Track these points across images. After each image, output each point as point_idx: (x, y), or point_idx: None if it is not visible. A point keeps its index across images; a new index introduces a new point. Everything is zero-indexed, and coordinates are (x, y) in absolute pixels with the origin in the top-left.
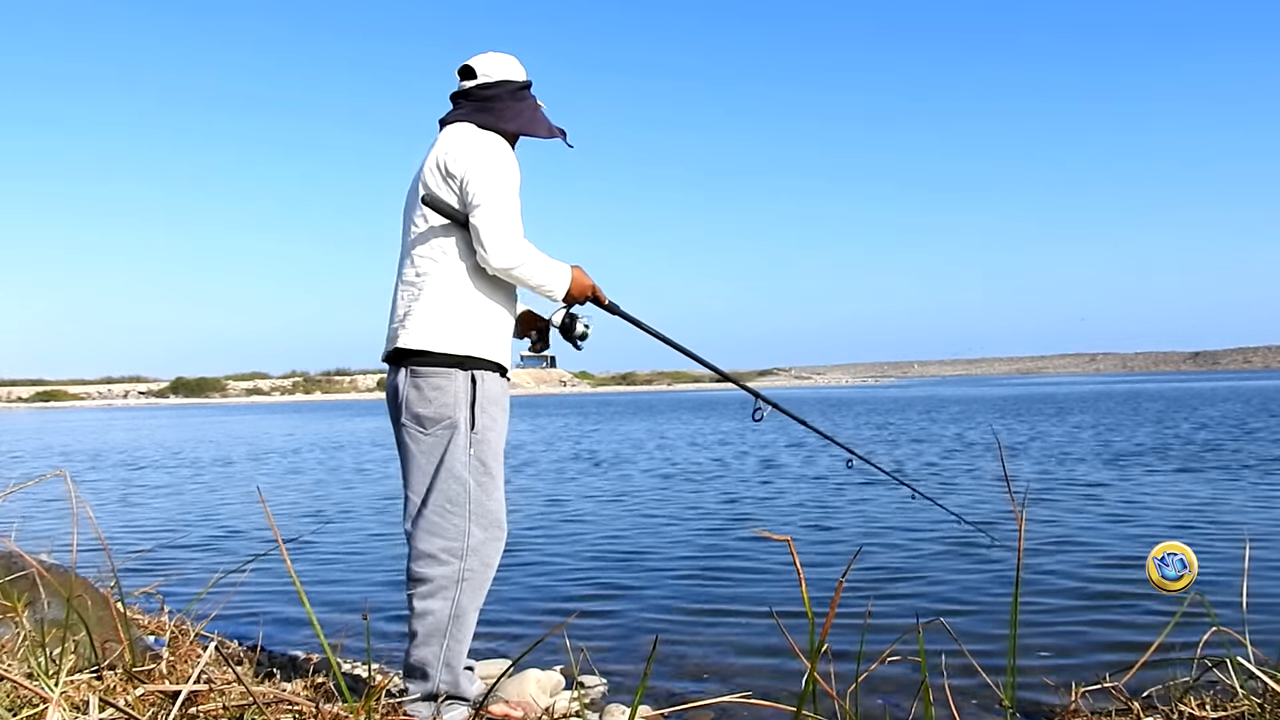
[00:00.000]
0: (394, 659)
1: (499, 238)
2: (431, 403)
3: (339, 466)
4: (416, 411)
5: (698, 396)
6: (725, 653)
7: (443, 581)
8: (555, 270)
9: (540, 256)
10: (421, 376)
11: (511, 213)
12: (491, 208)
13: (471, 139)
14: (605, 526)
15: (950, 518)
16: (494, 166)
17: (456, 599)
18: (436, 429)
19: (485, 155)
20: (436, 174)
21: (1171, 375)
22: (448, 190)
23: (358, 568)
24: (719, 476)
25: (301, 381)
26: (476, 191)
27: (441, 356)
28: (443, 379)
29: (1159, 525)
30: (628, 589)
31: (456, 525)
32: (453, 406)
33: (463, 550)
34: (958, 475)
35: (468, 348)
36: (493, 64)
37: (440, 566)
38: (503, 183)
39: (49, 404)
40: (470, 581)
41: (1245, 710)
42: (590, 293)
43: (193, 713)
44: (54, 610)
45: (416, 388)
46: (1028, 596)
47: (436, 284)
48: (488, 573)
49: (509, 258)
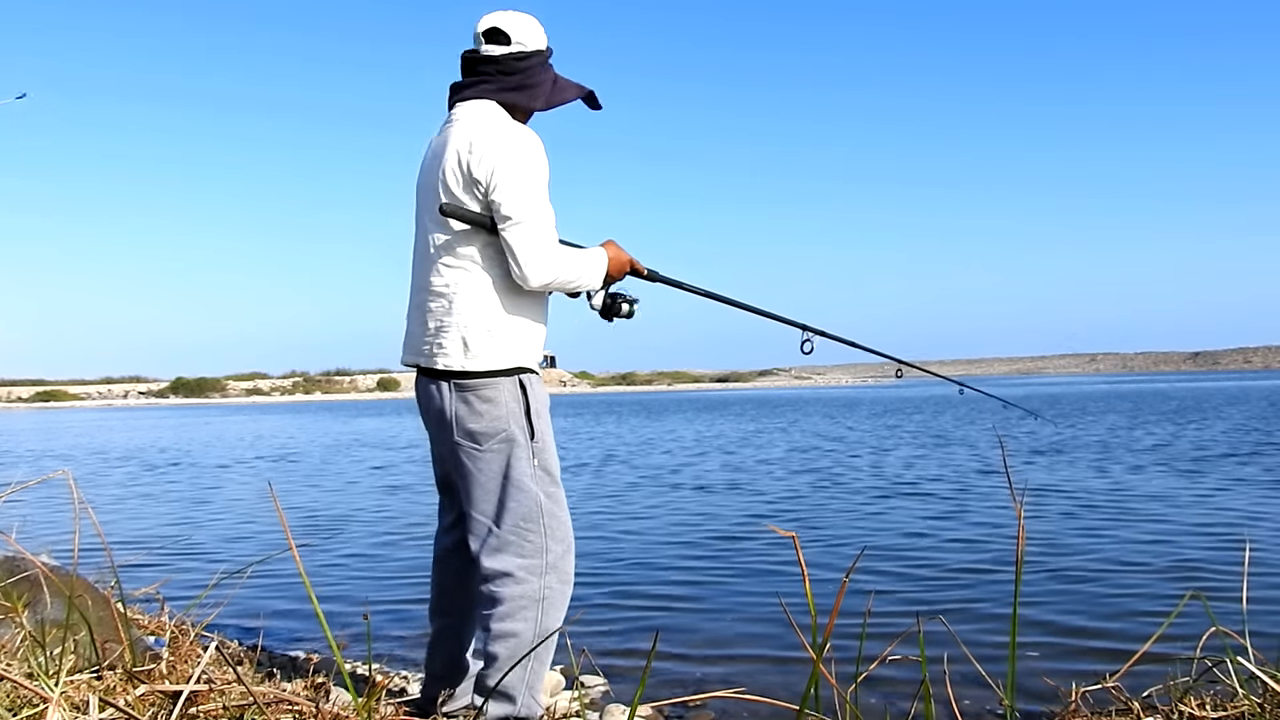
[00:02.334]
0: (394, 659)
1: (536, 258)
2: (484, 416)
3: (339, 466)
4: (470, 428)
5: (699, 397)
6: (726, 651)
7: (523, 602)
8: (590, 262)
9: (573, 255)
10: (469, 390)
11: (547, 226)
12: (527, 225)
13: (497, 135)
14: (605, 526)
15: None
16: (525, 172)
17: (540, 619)
18: (493, 443)
19: (514, 158)
20: (458, 176)
21: (1173, 375)
22: (471, 196)
23: (358, 568)
24: (719, 477)
25: (301, 382)
26: (507, 203)
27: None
28: (491, 390)
29: (1159, 526)
30: (628, 588)
31: (534, 542)
32: (506, 418)
33: (542, 568)
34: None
35: (512, 359)
36: (525, 28)
37: (519, 585)
38: (535, 191)
39: (49, 404)
40: (551, 600)
41: (1245, 710)
42: (628, 268)
43: (193, 713)
44: (54, 610)
45: (466, 403)
46: (1028, 595)
47: (471, 296)
48: (567, 590)
49: (546, 275)
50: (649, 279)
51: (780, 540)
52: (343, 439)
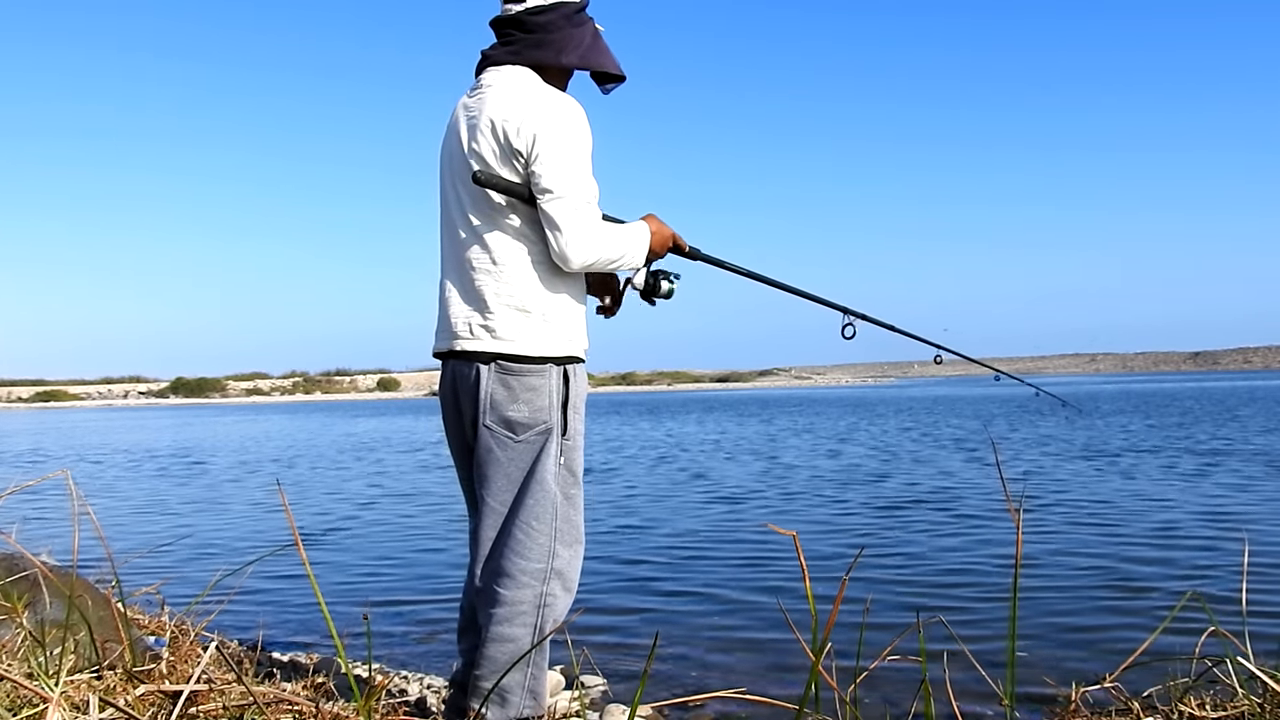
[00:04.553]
0: (394, 659)
1: (578, 235)
2: (526, 405)
3: (337, 466)
4: (507, 415)
5: (700, 397)
6: (726, 651)
7: (523, 607)
8: (633, 238)
9: (616, 231)
10: (514, 375)
11: (590, 201)
12: (569, 199)
13: (537, 103)
14: (605, 526)
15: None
16: (568, 142)
17: (539, 625)
18: (529, 435)
19: (557, 127)
20: (493, 143)
21: (1174, 375)
22: (511, 169)
23: (357, 568)
24: (721, 476)
25: (301, 381)
26: (548, 174)
27: (537, 355)
28: (537, 378)
29: (1161, 527)
30: (628, 588)
31: (541, 545)
32: (547, 410)
33: (545, 573)
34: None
35: (562, 346)
36: None
37: (520, 590)
38: (578, 162)
39: (49, 404)
40: (552, 607)
41: (1245, 710)
42: (670, 243)
43: (193, 713)
44: (55, 610)
45: (507, 387)
46: (1028, 595)
47: (520, 272)
48: (569, 597)
49: (590, 254)
50: (691, 257)
51: (783, 540)
52: (342, 439)
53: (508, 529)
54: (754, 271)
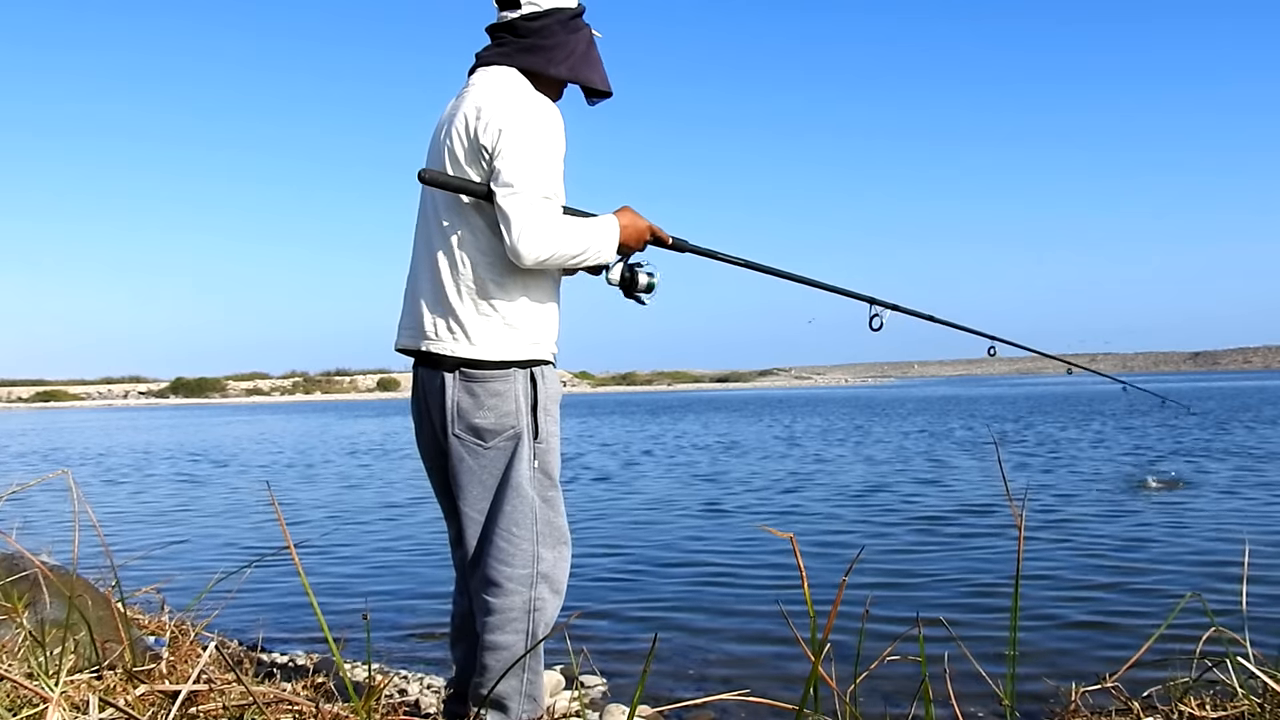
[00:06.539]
0: (394, 660)
1: (530, 228)
2: (492, 411)
3: (337, 466)
4: (474, 423)
5: (701, 396)
6: (726, 651)
7: (513, 614)
8: (598, 232)
9: (577, 225)
10: (477, 381)
11: (549, 197)
12: (524, 193)
13: (509, 100)
14: (605, 526)
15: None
16: (534, 140)
17: (530, 631)
18: (498, 440)
19: (524, 124)
20: (464, 139)
21: (1175, 375)
22: (478, 166)
23: (357, 568)
24: (721, 475)
25: (301, 381)
26: (506, 169)
27: (500, 360)
28: (501, 383)
29: (1166, 526)
30: (628, 588)
31: (524, 550)
32: (515, 414)
33: (531, 578)
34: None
35: (526, 349)
36: None
37: (508, 597)
38: (542, 161)
39: (49, 404)
40: (542, 611)
41: (1245, 710)
42: (648, 235)
43: (193, 713)
44: (55, 610)
45: (472, 394)
46: (1029, 595)
47: (483, 274)
48: (558, 599)
49: (543, 248)
50: (675, 249)
51: (783, 542)
52: (342, 439)
53: (489, 537)
54: (751, 261)
